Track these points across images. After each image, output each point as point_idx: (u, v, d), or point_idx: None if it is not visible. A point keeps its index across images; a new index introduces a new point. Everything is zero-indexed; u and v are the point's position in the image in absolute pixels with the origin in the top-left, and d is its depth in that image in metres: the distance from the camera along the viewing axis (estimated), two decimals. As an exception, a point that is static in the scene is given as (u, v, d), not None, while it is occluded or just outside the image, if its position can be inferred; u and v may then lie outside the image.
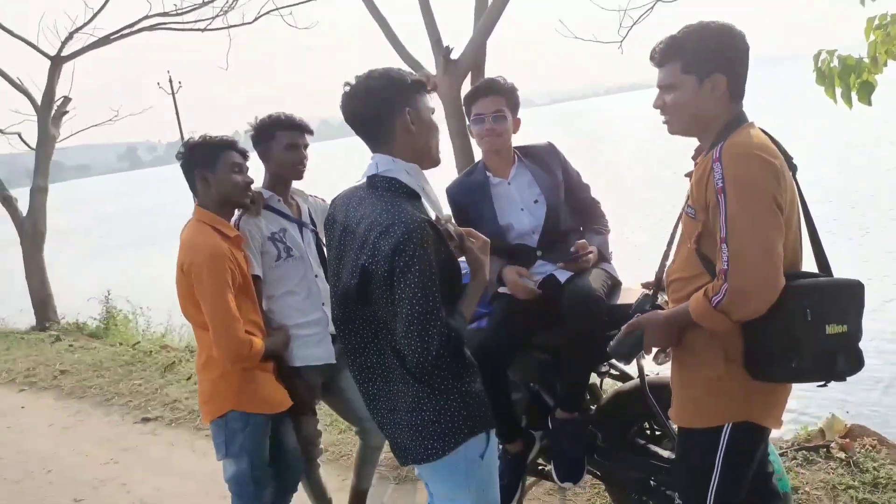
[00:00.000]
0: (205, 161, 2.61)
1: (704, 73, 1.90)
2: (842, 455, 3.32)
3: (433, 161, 2.00)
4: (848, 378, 1.88)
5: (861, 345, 1.88)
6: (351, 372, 2.06)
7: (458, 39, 5.00)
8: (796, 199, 1.94)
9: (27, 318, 10.20)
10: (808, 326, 1.80)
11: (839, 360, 1.84)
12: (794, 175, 1.98)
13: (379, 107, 1.89)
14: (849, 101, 3.61)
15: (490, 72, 3.01)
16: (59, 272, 12.56)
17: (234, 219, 2.72)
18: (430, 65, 5.08)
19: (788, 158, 1.97)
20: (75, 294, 11.23)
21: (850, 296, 1.87)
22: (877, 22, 3.56)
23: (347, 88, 1.93)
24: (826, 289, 1.86)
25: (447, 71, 4.86)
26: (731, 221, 1.78)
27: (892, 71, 3.62)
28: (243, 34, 9.99)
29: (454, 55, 4.90)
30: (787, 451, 3.45)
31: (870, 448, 3.35)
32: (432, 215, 1.95)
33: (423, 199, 1.96)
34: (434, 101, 2.03)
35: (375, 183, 1.93)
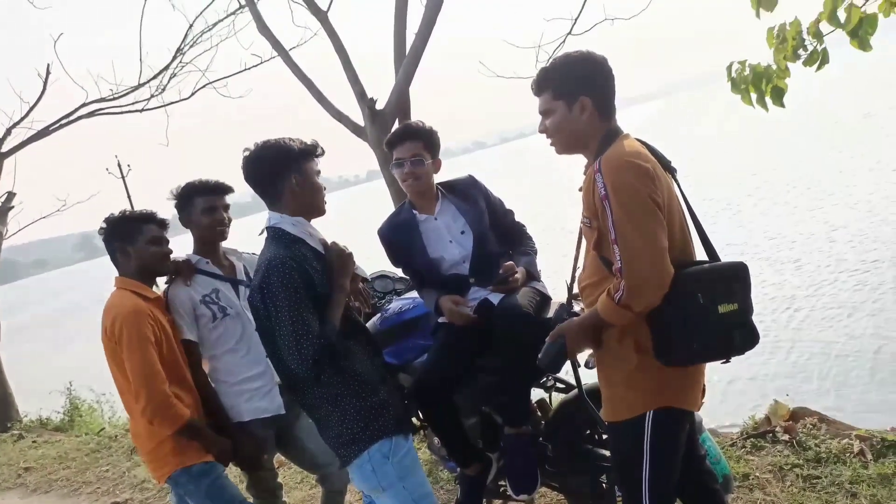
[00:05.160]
0: (124, 235, 2.76)
1: (571, 97, 2.11)
2: (786, 437, 3.47)
3: (319, 213, 2.42)
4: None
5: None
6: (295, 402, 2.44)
7: (382, 89, 5.24)
8: (675, 196, 2.12)
9: (-13, 422, 9.90)
10: (702, 309, 1.96)
11: (735, 336, 2.01)
12: (674, 176, 2.17)
13: (269, 173, 2.29)
14: (764, 105, 3.87)
15: (426, 117, 3.16)
16: (19, 369, 12.25)
17: (164, 289, 2.83)
18: (357, 116, 5.28)
19: (666, 162, 2.16)
20: (37, 389, 10.95)
21: (735, 276, 2.04)
22: (776, 32, 3.84)
23: (246, 153, 2.29)
24: (713, 273, 2.03)
25: (374, 121, 5.06)
26: (617, 224, 1.95)
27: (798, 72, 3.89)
28: (182, 109, 10.12)
29: (379, 105, 5.11)
30: (736, 442, 3.59)
31: (811, 427, 3.52)
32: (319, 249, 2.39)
33: (309, 241, 2.35)
34: (321, 163, 2.42)
35: (268, 235, 2.35)
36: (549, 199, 26.26)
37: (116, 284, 2.77)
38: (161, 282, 3.02)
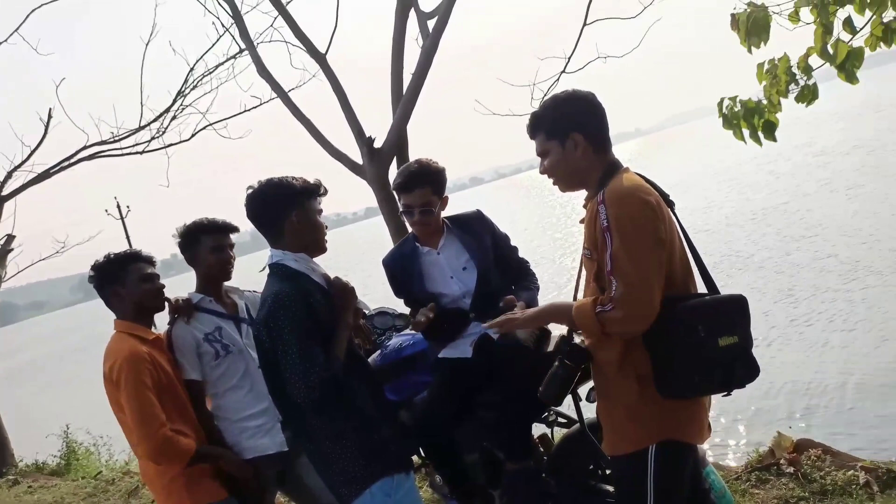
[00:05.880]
0: (114, 277, 2.76)
1: (563, 135, 2.15)
2: (791, 470, 3.45)
3: (320, 250, 2.44)
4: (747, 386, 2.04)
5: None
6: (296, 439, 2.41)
7: (379, 127, 5.31)
8: (675, 229, 2.15)
9: (-17, 467, 9.75)
10: (702, 342, 1.97)
11: (736, 369, 2.01)
12: (672, 209, 2.20)
13: (271, 210, 2.32)
14: (757, 140, 3.93)
15: (423, 154, 3.17)
16: (16, 413, 12.14)
17: (166, 329, 2.83)
18: (356, 154, 5.35)
19: (665, 196, 2.19)
20: (34, 433, 10.82)
21: (735, 309, 2.05)
22: (767, 67, 3.92)
23: (250, 191, 2.34)
24: (713, 305, 2.04)
25: (372, 159, 5.13)
26: (615, 256, 1.97)
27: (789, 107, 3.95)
28: (183, 151, 10.21)
29: (377, 143, 5.18)
30: (740, 475, 3.56)
31: (815, 459, 3.49)
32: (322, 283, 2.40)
33: (312, 276, 2.36)
34: (323, 203, 2.46)
35: (270, 271, 2.37)
36: (545, 233, 26.42)
37: (115, 328, 2.77)
38: (160, 320, 3.02)
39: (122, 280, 2.75)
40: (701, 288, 2.19)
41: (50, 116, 9.16)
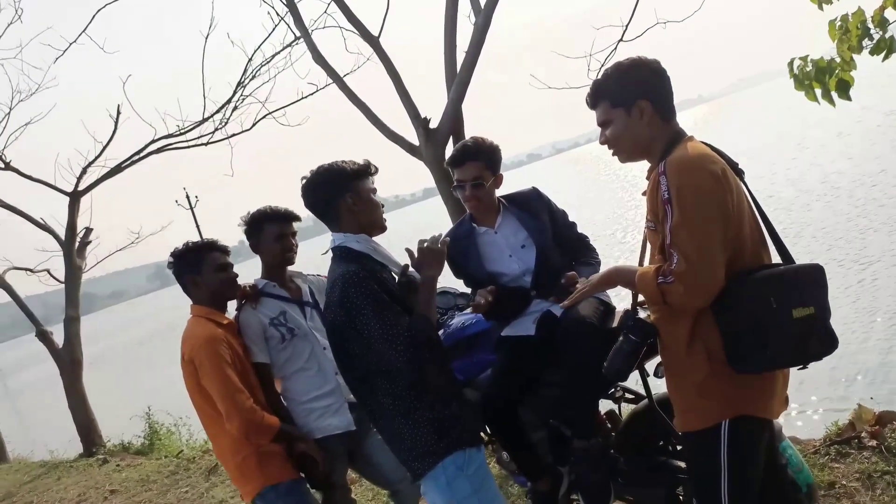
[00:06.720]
0: (191, 266, 2.88)
1: (629, 102, 2.09)
2: (874, 443, 3.31)
3: (380, 229, 2.46)
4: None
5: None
6: (368, 417, 2.44)
7: (434, 107, 5.33)
8: (745, 199, 2.07)
9: (76, 447, 10.37)
10: (775, 313, 1.90)
11: (811, 341, 1.93)
12: (742, 178, 2.12)
13: (324, 196, 2.35)
14: (830, 100, 3.74)
15: (479, 132, 3.13)
16: (101, 397, 12.80)
17: (234, 315, 2.95)
18: (412, 136, 5.36)
19: (733, 164, 2.11)
20: (118, 415, 11.40)
21: (810, 279, 1.97)
22: (839, 23, 3.72)
23: (304, 180, 2.38)
24: (785, 276, 1.96)
25: (429, 140, 5.13)
26: (676, 229, 1.92)
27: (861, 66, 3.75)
28: (245, 140, 10.43)
29: (433, 124, 5.18)
30: (819, 449, 3.44)
31: (900, 431, 3.34)
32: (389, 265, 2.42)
33: (375, 256, 2.38)
34: (377, 182, 2.48)
35: (334, 255, 2.40)
36: (602, 208, 25.93)
37: (192, 312, 2.89)
38: (230, 306, 3.13)
39: (199, 269, 2.86)
40: (775, 259, 2.11)
41: (119, 112, 9.52)
